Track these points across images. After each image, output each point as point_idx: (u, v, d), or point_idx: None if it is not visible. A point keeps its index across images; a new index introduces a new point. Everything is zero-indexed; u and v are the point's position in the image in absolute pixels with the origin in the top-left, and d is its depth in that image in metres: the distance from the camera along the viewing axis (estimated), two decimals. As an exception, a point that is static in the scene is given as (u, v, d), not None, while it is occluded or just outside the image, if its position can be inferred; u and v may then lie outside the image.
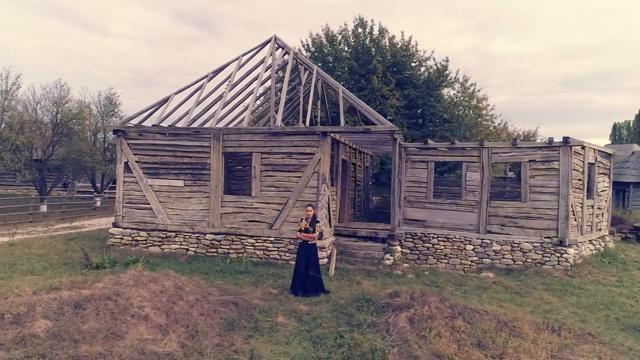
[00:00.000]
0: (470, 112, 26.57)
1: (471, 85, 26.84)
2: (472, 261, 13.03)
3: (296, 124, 17.43)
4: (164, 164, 13.14)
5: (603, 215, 15.05)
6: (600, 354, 6.26)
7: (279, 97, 13.95)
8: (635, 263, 13.37)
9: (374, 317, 7.32)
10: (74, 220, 21.03)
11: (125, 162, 13.38)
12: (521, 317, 7.39)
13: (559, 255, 12.26)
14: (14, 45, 78.12)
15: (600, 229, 14.77)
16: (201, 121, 14.82)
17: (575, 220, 12.71)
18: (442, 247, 13.37)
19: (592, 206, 13.97)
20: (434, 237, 13.48)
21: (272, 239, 12.36)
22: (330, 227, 12.86)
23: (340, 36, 28.02)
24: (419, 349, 6.13)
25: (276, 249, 12.33)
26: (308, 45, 28.18)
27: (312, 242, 9.22)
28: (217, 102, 14.20)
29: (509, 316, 7.47)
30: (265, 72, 14.57)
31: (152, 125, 13.24)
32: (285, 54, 15.61)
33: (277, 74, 15.63)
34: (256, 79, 14.64)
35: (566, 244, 12.20)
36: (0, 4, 76.87)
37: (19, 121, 22.09)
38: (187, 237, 12.90)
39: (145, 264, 11.75)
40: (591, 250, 13.82)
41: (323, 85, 19.08)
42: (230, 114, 16.05)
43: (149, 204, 13.20)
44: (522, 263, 12.54)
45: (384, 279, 10.96)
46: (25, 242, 14.18)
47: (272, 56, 14.65)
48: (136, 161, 13.27)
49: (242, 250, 12.50)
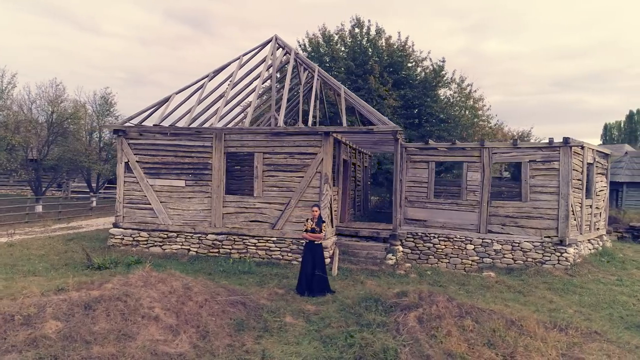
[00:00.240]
0: (467, 112, 26.68)
1: (467, 86, 26.96)
2: (472, 261, 13.11)
3: (295, 124, 17.42)
4: (165, 164, 13.09)
5: (601, 214, 15.22)
6: (609, 352, 6.33)
7: (280, 96, 13.95)
8: (633, 262, 13.53)
9: (382, 316, 7.35)
10: (70, 220, 20.87)
11: (125, 162, 13.30)
12: (528, 316, 7.45)
13: (559, 254, 12.38)
14: (3, 44, 77.31)
15: (598, 228, 14.93)
16: (203, 119, 14.81)
17: (575, 219, 12.83)
18: (443, 246, 13.45)
19: (591, 206, 14.12)
20: (434, 237, 13.55)
21: (275, 239, 12.35)
22: (332, 227, 12.88)
23: (337, 36, 28.04)
24: (430, 348, 6.17)
25: (278, 249, 12.33)
26: (305, 45, 28.17)
27: (319, 242, 9.24)
28: (219, 100, 14.18)
29: (515, 315, 7.53)
30: (266, 71, 14.53)
31: (154, 125, 13.17)
32: (286, 54, 15.59)
33: (277, 74, 15.57)
34: (257, 77, 14.63)
35: (566, 244, 12.31)
36: (-10, 2, 76.03)
37: (14, 121, 21.87)
38: (188, 237, 12.85)
39: (145, 264, 11.79)
40: (590, 249, 13.96)
41: (322, 85, 19.12)
42: (232, 112, 16.05)
43: (149, 204, 13.14)
44: (522, 262, 12.64)
45: (388, 279, 11.00)
46: (24, 243, 14.05)
47: (272, 56, 14.64)
48: (137, 161, 13.20)
49: (244, 251, 12.48)
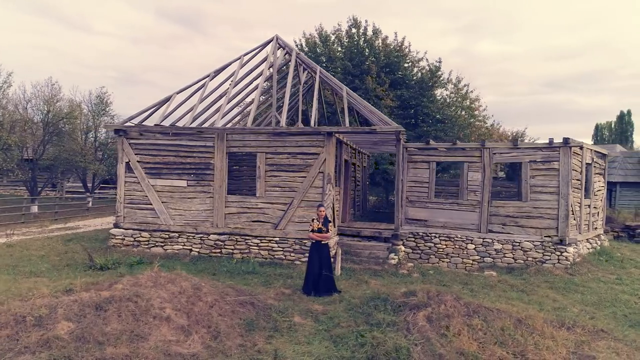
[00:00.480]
0: (463, 112, 26.84)
1: (464, 86, 27.13)
2: (473, 260, 13.20)
3: (295, 124, 17.42)
4: (166, 164, 13.04)
5: (598, 214, 15.38)
6: (617, 349, 6.42)
7: (282, 96, 13.95)
8: (631, 261, 13.69)
9: (391, 316, 7.38)
10: (67, 221, 20.71)
11: (126, 162, 13.24)
12: (534, 315, 7.52)
13: (559, 253, 12.49)
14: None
15: (596, 228, 15.09)
16: (206, 117, 14.80)
17: (575, 219, 12.96)
18: (444, 246, 13.52)
19: (589, 205, 14.27)
20: (435, 237, 13.62)
21: (277, 239, 12.35)
22: (335, 227, 12.90)
23: (333, 36, 28.09)
24: (441, 347, 6.21)
25: (281, 249, 12.33)
26: (302, 45, 28.18)
27: (325, 242, 9.27)
28: (222, 98, 14.19)
29: (522, 314, 7.59)
30: (268, 70, 14.53)
31: (155, 124, 13.12)
32: (286, 54, 15.60)
33: (277, 74, 15.56)
34: (258, 77, 14.64)
35: (566, 243, 12.43)
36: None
37: (9, 120, 21.66)
38: (190, 237, 12.82)
39: (149, 264, 11.74)
40: (588, 248, 14.11)
41: (320, 85, 19.14)
42: (234, 110, 16.03)
43: (151, 204, 13.08)
44: (523, 262, 12.75)
45: (391, 279, 11.04)
46: (23, 243, 13.93)
47: (274, 56, 14.65)
48: (138, 161, 13.14)
49: (246, 251, 12.47)
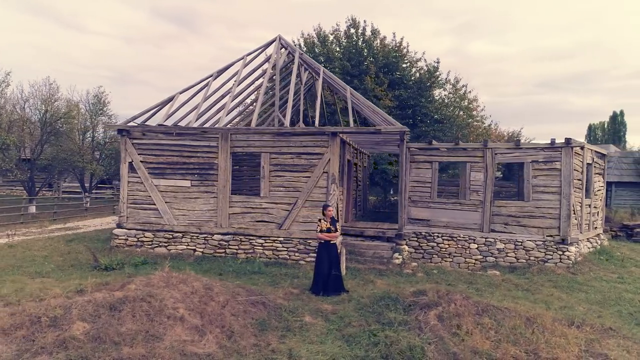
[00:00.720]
0: (462, 112, 26.97)
1: (462, 87, 27.27)
2: (476, 259, 13.29)
3: (296, 124, 17.43)
4: (170, 164, 13.02)
5: (598, 214, 15.54)
6: (627, 347, 6.51)
7: (284, 96, 13.97)
8: (631, 260, 13.83)
9: (402, 315, 7.43)
10: (67, 221, 20.59)
11: (129, 162, 13.20)
12: (543, 314, 7.61)
13: (561, 253, 12.61)
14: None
15: (596, 227, 15.25)
16: (210, 114, 14.79)
17: (576, 219, 13.09)
18: (447, 245, 13.60)
19: (590, 205, 14.41)
20: (438, 236, 13.71)
21: (282, 239, 12.37)
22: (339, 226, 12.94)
23: (332, 36, 28.14)
24: (455, 346, 6.27)
25: (285, 249, 12.35)
26: (300, 45, 28.18)
27: (334, 241, 9.31)
28: (226, 96, 14.20)
29: (530, 313, 7.67)
30: (271, 69, 14.54)
31: (159, 124, 13.09)
32: (289, 54, 15.62)
33: (279, 74, 15.58)
34: (260, 77, 14.66)
35: (568, 242, 12.55)
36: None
37: (7, 120, 21.50)
38: (194, 237, 12.81)
39: (154, 264, 11.74)
40: (589, 248, 14.24)
41: (321, 85, 19.16)
42: (238, 108, 16.04)
43: (154, 204, 13.05)
44: (525, 261, 12.85)
45: (396, 278, 11.09)
46: (25, 244, 13.86)
47: (277, 56, 14.66)
48: (141, 161, 13.10)
49: (250, 251, 12.48)
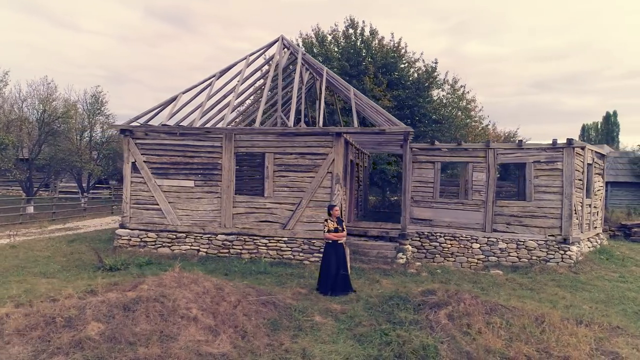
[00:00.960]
0: (460, 113, 27.10)
1: (461, 87, 27.40)
2: (478, 259, 13.38)
3: (297, 124, 17.45)
4: (173, 164, 13.00)
5: (598, 213, 15.68)
6: (636, 346, 6.59)
7: (288, 96, 13.98)
8: (631, 259, 13.98)
9: (412, 314, 7.48)
10: (66, 221, 20.50)
11: (132, 162, 13.17)
12: (550, 313, 7.67)
13: (562, 252, 12.73)
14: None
15: (596, 227, 15.39)
16: (214, 112, 14.77)
17: (577, 219, 13.20)
18: (449, 245, 13.68)
19: (590, 205, 14.54)
20: (441, 236, 13.78)
21: (286, 239, 12.39)
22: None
23: (330, 37, 28.18)
24: (467, 345, 6.32)
25: (290, 249, 12.37)
26: (298, 45, 28.21)
27: (341, 241, 9.35)
28: (230, 94, 14.22)
29: (538, 312, 7.75)
30: (273, 70, 14.55)
31: (162, 124, 13.07)
32: (291, 54, 15.64)
33: (282, 74, 15.59)
34: (264, 76, 14.68)
35: (569, 242, 12.66)
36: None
37: (6, 119, 21.35)
38: (198, 237, 12.80)
39: (159, 265, 11.72)
40: (589, 247, 14.38)
41: (322, 85, 19.19)
42: (238, 108, 16.06)
43: (157, 204, 13.03)
44: (527, 260, 12.95)
45: (401, 278, 11.14)
46: (26, 244, 13.79)
47: (279, 56, 14.67)
48: (144, 161, 13.07)
49: (255, 251, 12.49)
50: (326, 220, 9.52)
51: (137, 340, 5.84)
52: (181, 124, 14.04)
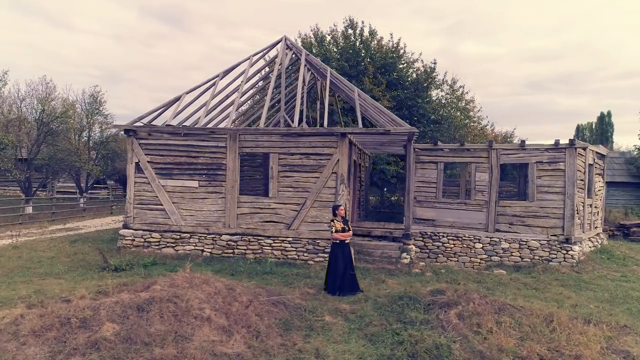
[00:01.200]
0: (459, 113, 27.20)
1: (460, 87, 27.50)
2: (481, 259, 13.46)
3: (299, 125, 17.46)
4: (177, 164, 12.98)
5: (598, 213, 15.81)
6: (645, 344, 6.66)
7: (290, 97, 13.99)
8: (631, 259, 14.10)
9: (423, 314, 7.53)
10: (66, 221, 20.41)
11: (136, 163, 13.14)
12: (558, 312, 7.74)
13: (565, 252, 12.83)
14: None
15: (596, 227, 15.51)
16: (218, 111, 14.78)
17: (579, 218, 13.31)
18: (452, 245, 13.76)
19: (591, 205, 14.66)
20: (444, 236, 13.86)
21: (290, 239, 12.41)
22: (346, 227, 13.01)
23: (329, 37, 28.20)
24: (480, 344, 6.38)
25: (294, 249, 12.39)
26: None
27: (348, 240, 9.40)
28: (235, 93, 14.24)
29: (545, 311, 7.82)
30: (276, 70, 14.56)
31: (166, 125, 13.04)
32: (294, 54, 15.66)
33: (284, 74, 15.60)
34: (267, 76, 14.69)
35: (572, 242, 12.77)
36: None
37: (5, 119, 21.23)
38: (202, 238, 12.79)
39: (164, 265, 11.71)
40: (590, 247, 14.50)
41: (322, 86, 19.24)
42: (241, 107, 16.07)
43: (161, 204, 13.01)
44: (529, 260, 13.05)
45: (406, 278, 11.19)
46: (28, 245, 13.72)
47: (283, 56, 14.69)
48: (148, 161, 13.05)
49: (259, 251, 12.49)
50: (333, 221, 9.55)
51: (153, 340, 5.85)
52: (185, 123, 14.05)
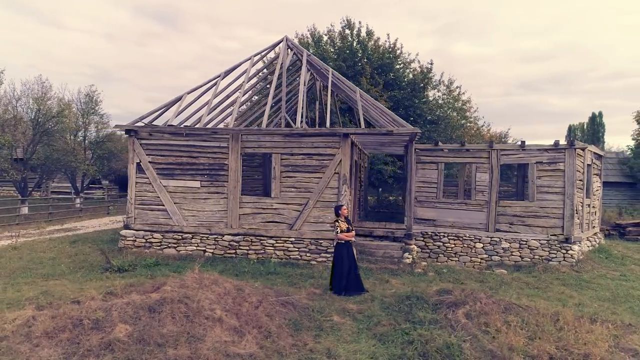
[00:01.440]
0: (455, 113, 27.34)
1: (456, 88, 27.65)
2: (481, 258, 13.56)
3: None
4: (179, 164, 12.95)
5: (596, 213, 15.98)
6: (651, 342, 6.76)
7: (290, 97, 14.00)
8: (629, 258, 14.27)
9: (431, 314, 7.57)
10: (63, 222, 20.26)
11: (137, 163, 13.09)
12: (564, 311, 7.83)
13: (564, 252, 12.95)
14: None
15: (594, 226, 15.68)
16: (220, 109, 14.76)
17: (578, 218, 13.45)
18: (453, 245, 13.84)
19: (589, 205, 14.81)
20: (444, 236, 13.94)
21: (293, 239, 12.42)
22: (348, 227, 13.05)
23: (326, 37, 28.23)
24: (489, 343, 6.43)
25: (297, 249, 12.41)
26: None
27: (353, 241, 9.45)
28: (236, 92, 14.24)
29: (551, 310, 7.90)
30: (278, 70, 14.58)
31: (168, 125, 13.01)
32: (294, 54, 15.67)
33: (285, 74, 15.61)
34: (266, 78, 14.68)
35: (571, 241, 12.90)
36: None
37: (1, 119, 21.02)
38: (204, 238, 12.76)
39: (166, 266, 11.67)
40: (588, 246, 14.65)
41: (321, 86, 19.27)
42: (242, 107, 16.10)
43: (163, 205, 12.97)
44: (529, 260, 13.16)
45: (410, 277, 11.24)
46: (27, 246, 13.63)
47: (284, 57, 14.70)
48: (149, 162, 13.01)
49: (261, 251, 12.50)
50: (337, 221, 9.58)
51: (166, 341, 5.84)
52: (186, 123, 14.02)
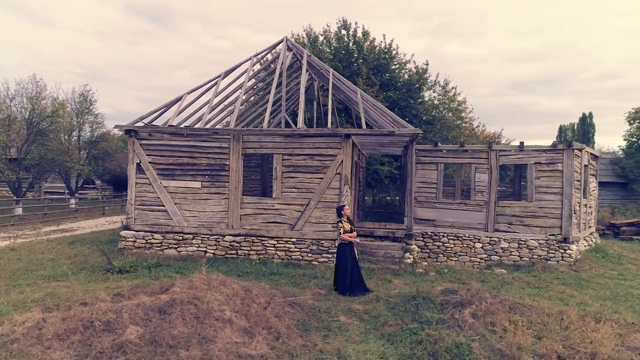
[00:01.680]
0: (450, 114, 27.49)
1: (452, 89, 27.80)
2: (481, 258, 13.66)
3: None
4: (180, 165, 12.90)
5: (592, 213, 16.16)
6: (655, 341, 6.86)
7: (288, 97, 14.00)
8: (625, 257, 14.45)
9: (437, 314, 7.62)
10: (59, 223, 20.08)
11: (137, 163, 13.02)
12: (568, 310, 7.91)
13: (562, 251, 13.09)
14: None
15: (590, 226, 15.86)
16: (220, 109, 14.71)
17: (576, 218, 13.59)
18: (452, 245, 13.93)
19: (586, 205, 14.98)
20: (444, 236, 14.02)
21: (294, 240, 12.43)
22: (349, 227, 13.08)
23: (322, 37, 28.25)
24: (498, 343, 6.49)
25: (298, 249, 12.41)
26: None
27: (356, 241, 9.50)
28: (238, 90, 14.24)
29: (555, 309, 7.99)
30: (278, 70, 14.58)
31: (169, 125, 12.95)
32: (294, 55, 15.67)
33: (285, 74, 15.61)
34: (266, 78, 14.66)
35: (569, 241, 13.04)
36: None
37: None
38: (205, 239, 12.73)
39: (167, 267, 11.62)
40: (585, 246, 14.81)
41: (319, 86, 19.30)
42: (241, 106, 16.13)
43: (163, 205, 12.91)
44: (528, 259, 13.28)
45: (411, 277, 11.30)
46: (25, 247, 13.50)
47: (284, 57, 14.70)
48: (150, 162, 12.94)
49: (263, 252, 12.49)
50: (340, 222, 9.62)
51: (177, 343, 5.84)
52: (186, 124, 13.96)
